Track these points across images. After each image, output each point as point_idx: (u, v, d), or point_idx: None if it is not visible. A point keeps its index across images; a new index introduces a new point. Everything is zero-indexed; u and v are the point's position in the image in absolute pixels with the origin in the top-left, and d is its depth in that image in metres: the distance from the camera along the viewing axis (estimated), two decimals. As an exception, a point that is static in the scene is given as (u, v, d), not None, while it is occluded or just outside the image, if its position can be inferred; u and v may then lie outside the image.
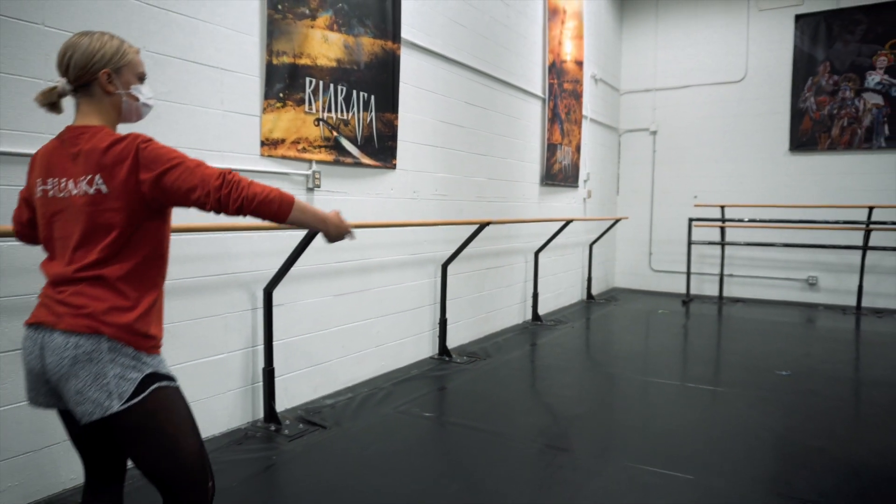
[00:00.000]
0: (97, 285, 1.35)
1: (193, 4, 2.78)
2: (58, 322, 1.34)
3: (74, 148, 1.39)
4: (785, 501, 2.44)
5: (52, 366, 1.34)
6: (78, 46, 1.41)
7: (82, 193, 1.36)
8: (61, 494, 2.39)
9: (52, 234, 1.42)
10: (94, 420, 1.33)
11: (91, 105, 1.44)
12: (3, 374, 2.21)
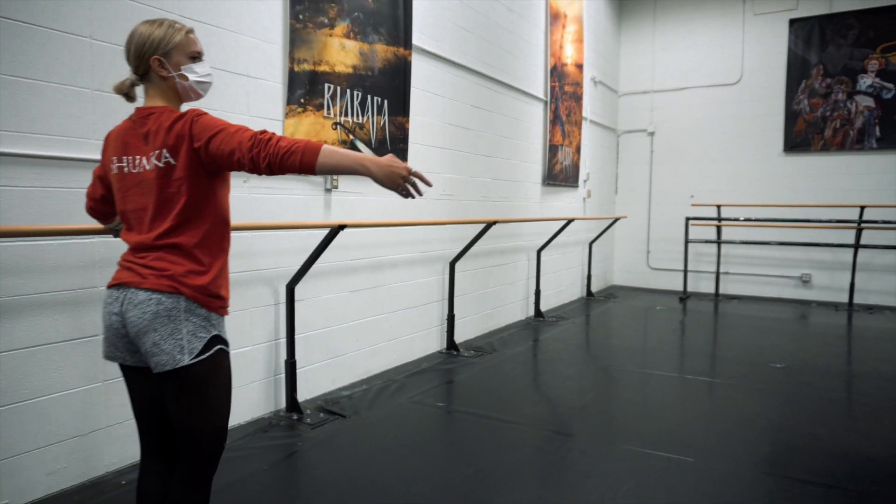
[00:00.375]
0: (175, 252, 1.52)
1: (224, 16, 2.94)
2: (142, 282, 1.50)
3: (143, 128, 1.55)
4: (779, 481, 2.62)
5: (135, 319, 1.50)
6: (132, 39, 1.58)
7: (153, 168, 1.52)
8: (104, 477, 2.55)
9: (127, 206, 1.59)
10: (165, 371, 1.50)
11: (153, 89, 1.60)
12: (51, 363, 2.37)
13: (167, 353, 1.49)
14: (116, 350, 1.60)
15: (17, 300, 2.25)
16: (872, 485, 2.58)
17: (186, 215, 1.53)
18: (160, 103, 1.59)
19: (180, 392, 1.55)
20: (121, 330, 1.56)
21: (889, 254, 7.11)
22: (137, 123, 1.57)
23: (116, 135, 1.62)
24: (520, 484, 2.58)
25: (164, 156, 1.51)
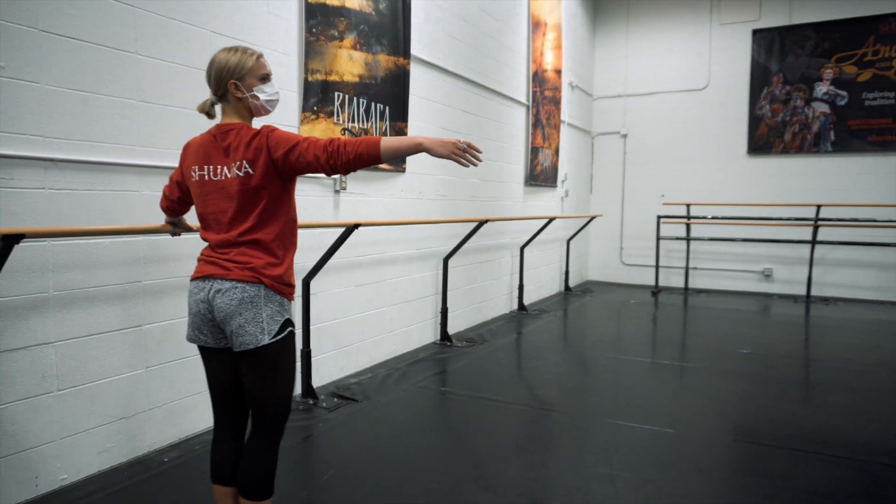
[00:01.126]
0: (255, 247, 1.79)
1: (248, 31, 3.18)
2: (227, 274, 1.76)
3: (224, 143, 1.81)
4: (748, 445, 3.00)
5: (222, 305, 1.76)
6: (212, 65, 1.84)
7: (234, 177, 1.78)
8: (148, 455, 2.78)
9: (207, 209, 1.84)
10: (248, 349, 1.76)
11: (230, 108, 1.86)
12: (102, 351, 2.59)
13: (251, 333, 1.75)
14: (200, 334, 1.86)
15: (75, 293, 2.47)
16: (826, 447, 2.97)
17: (265, 216, 1.80)
18: (236, 120, 1.85)
19: (257, 367, 1.81)
20: (207, 315, 1.82)
21: (843, 249, 7.68)
22: (218, 138, 1.83)
23: (197, 147, 1.87)
24: (523, 453, 2.90)
25: (244, 167, 1.77)
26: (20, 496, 2.33)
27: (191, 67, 2.88)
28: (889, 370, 4.40)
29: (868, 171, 7.59)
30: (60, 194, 2.40)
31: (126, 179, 2.63)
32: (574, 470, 2.72)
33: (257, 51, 1.89)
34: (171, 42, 2.78)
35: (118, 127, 2.59)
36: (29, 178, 2.29)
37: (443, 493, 2.49)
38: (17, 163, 2.25)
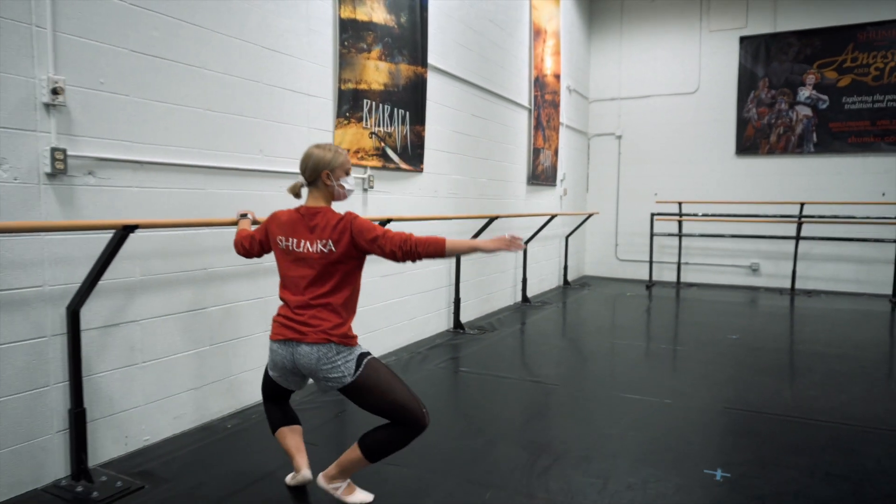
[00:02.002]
0: (326, 310, 2.16)
1: (292, 46, 3.55)
2: (304, 338, 2.14)
3: (312, 222, 2.18)
4: (736, 411, 3.41)
5: (305, 365, 2.15)
6: (310, 158, 2.22)
7: (317, 251, 2.15)
8: (213, 422, 3.14)
9: (288, 273, 2.22)
10: (340, 388, 2.15)
11: (318, 192, 2.23)
12: (174, 330, 2.96)
13: (335, 379, 2.14)
14: (284, 380, 2.29)
15: (155, 278, 2.84)
16: (804, 413, 3.39)
17: (337, 285, 2.18)
18: (321, 203, 2.23)
19: (358, 396, 2.18)
20: (291, 369, 2.22)
21: (825, 244, 8.15)
22: (306, 217, 2.20)
23: (285, 220, 2.24)
24: (541, 419, 3.30)
25: (328, 245, 2.14)
26: (115, 452, 2.70)
27: (245, 79, 3.25)
28: (862, 353, 4.85)
29: (848, 171, 8.07)
30: (146, 192, 2.77)
31: (196, 179, 3.00)
32: (588, 431, 3.12)
33: (344, 150, 2.28)
34: (230, 57, 3.15)
35: (191, 133, 2.96)
36: (122, 178, 2.66)
37: (478, 448, 2.88)
38: (112, 164, 2.61)
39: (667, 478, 2.59)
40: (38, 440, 2.41)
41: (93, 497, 2.34)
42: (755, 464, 2.74)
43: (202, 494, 2.41)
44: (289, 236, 2.21)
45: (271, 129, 3.44)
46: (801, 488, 2.51)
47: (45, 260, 2.39)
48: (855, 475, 2.63)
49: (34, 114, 2.32)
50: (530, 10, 7.02)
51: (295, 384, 2.31)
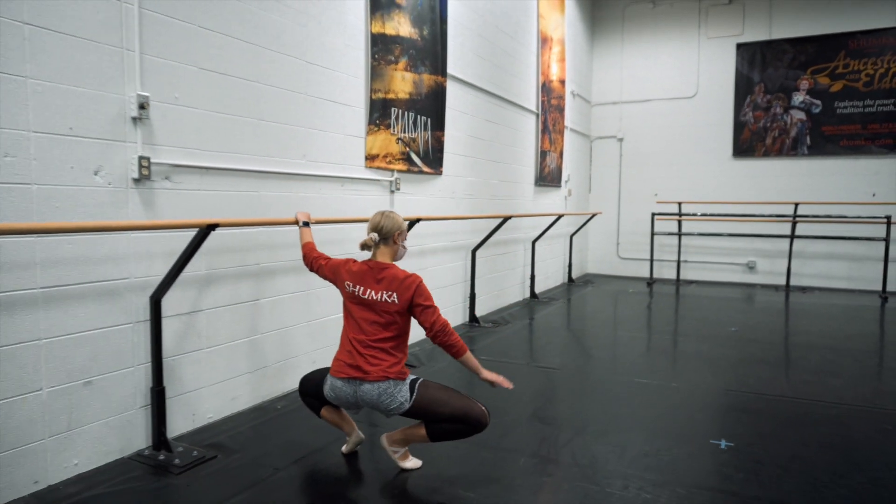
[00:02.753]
0: (384, 352, 2.51)
1: (331, 60, 3.87)
2: (367, 377, 2.48)
3: (380, 275, 2.54)
4: (737, 393, 3.75)
5: (366, 398, 2.50)
6: (389, 219, 2.59)
7: (382, 300, 2.51)
8: (264, 403, 3.46)
9: (354, 314, 2.56)
10: (400, 414, 2.48)
11: (386, 249, 2.60)
12: (233, 320, 3.27)
13: (395, 407, 2.48)
14: (343, 405, 2.62)
15: (217, 272, 3.15)
16: (799, 394, 3.73)
17: (396, 331, 2.54)
18: (388, 259, 2.60)
19: (421, 414, 2.51)
20: (354, 402, 2.56)
21: (818, 243, 8.51)
22: (374, 270, 2.56)
23: (356, 270, 2.61)
24: (560, 401, 3.63)
25: (392, 296, 2.50)
26: (184, 427, 3.01)
27: (291, 91, 3.57)
28: (853, 344, 5.20)
29: (840, 173, 8.44)
30: (210, 194, 3.08)
31: (250, 183, 3.31)
32: (602, 410, 3.45)
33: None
34: (279, 71, 3.47)
35: (247, 141, 3.27)
36: (191, 182, 2.97)
37: (507, 424, 3.21)
38: (184, 170, 2.93)
39: (677, 447, 2.92)
40: (125, 414, 2.73)
41: (175, 464, 2.66)
42: (755, 436, 3.07)
43: (268, 463, 2.73)
44: (357, 284, 2.57)
45: (312, 137, 3.76)
46: (795, 455, 2.84)
47: (130, 255, 2.71)
48: (844, 445, 2.97)
49: (124, 126, 2.64)
50: (538, 20, 7.36)
51: (349, 407, 2.64)
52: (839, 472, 2.67)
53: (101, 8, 2.52)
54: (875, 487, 2.53)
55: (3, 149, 2.23)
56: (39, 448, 2.40)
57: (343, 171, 4.05)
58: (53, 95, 2.37)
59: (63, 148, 2.42)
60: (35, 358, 2.37)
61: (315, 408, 2.77)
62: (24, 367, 2.34)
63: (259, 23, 3.31)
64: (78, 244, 2.50)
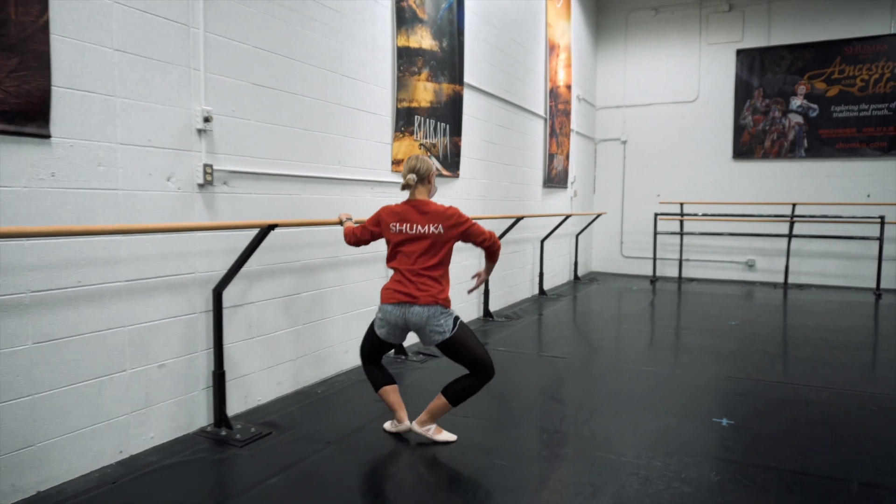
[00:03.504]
0: (431, 279, 2.82)
1: (362, 72, 4.19)
2: (416, 300, 2.79)
3: (424, 210, 2.84)
4: (737, 379, 4.07)
5: (415, 321, 2.80)
6: (421, 163, 2.89)
7: (429, 232, 2.81)
8: (305, 388, 3.79)
9: (402, 248, 2.86)
10: (437, 343, 2.79)
11: (422, 189, 2.91)
12: (278, 311, 3.59)
13: (438, 334, 2.79)
14: (392, 335, 2.92)
15: (266, 268, 3.48)
16: (794, 380, 4.06)
17: (441, 259, 2.85)
18: (425, 196, 2.91)
19: (453, 350, 2.84)
20: (402, 326, 2.86)
21: (815, 242, 8.84)
22: (418, 208, 2.86)
23: (398, 210, 2.89)
24: (573, 385, 3.95)
25: (439, 227, 2.81)
26: (238, 408, 3.34)
27: (328, 102, 3.89)
28: (846, 337, 5.52)
29: (836, 174, 8.76)
30: (260, 197, 3.40)
31: (294, 186, 3.64)
32: (613, 394, 3.78)
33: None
34: (318, 84, 3.79)
35: (291, 148, 3.60)
36: (244, 186, 3.30)
37: (528, 405, 3.54)
38: (238, 176, 3.25)
39: (684, 424, 3.25)
40: (191, 394, 3.05)
41: (236, 438, 2.98)
42: (753, 414, 3.40)
43: (319, 438, 3.05)
44: (403, 222, 2.87)
45: (346, 144, 4.08)
46: (789, 430, 3.17)
47: (196, 252, 3.03)
48: (832, 422, 3.30)
49: (191, 137, 2.96)
50: (546, 28, 7.68)
51: (397, 339, 2.94)
52: (827, 444, 3.00)
53: (173, 33, 2.85)
54: (859, 456, 2.86)
55: (97, 159, 2.55)
56: (123, 422, 2.73)
57: (372, 175, 4.37)
58: (135, 111, 2.70)
59: (143, 157, 2.74)
60: (121, 342, 2.70)
61: (376, 382, 3.06)
62: (113, 351, 2.66)
63: (301, 40, 3.63)
64: (154, 243, 2.82)
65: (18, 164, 2.29)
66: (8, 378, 2.30)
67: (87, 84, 2.49)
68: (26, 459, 2.37)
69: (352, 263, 4.21)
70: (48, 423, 2.44)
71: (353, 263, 4.21)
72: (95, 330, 2.59)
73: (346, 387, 3.85)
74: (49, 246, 2.40)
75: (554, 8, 7.93)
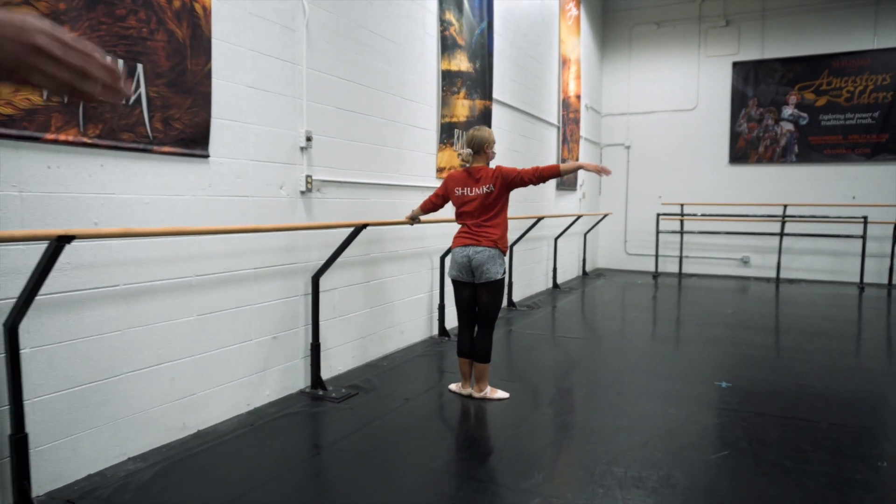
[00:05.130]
0: (490, 227, 3.54)
1: (415, 93, 4.91)
2: (479, 242, 3.51)
3: (477, 175, 3.57)
4: (733, 357, 4.81)
5: (478, 259, 3.51)
6: (479, 134, 3.61)
7: (483, 192, 3.54)
8: (373, 361, 4.50)
9: (464, 209, 3.59)
10: (488, 281, 3.50)
11: (479, 158, 3.63)
12: (352, 297, 4.30)
13: (492, 272, 3.51)
14: (461, 274, 3.62)
15: (345, 260, 4.19)
16: (783, 357, 4.80)
17: (497, 212, 3.57)
18: (481, 163, 3.62)
19: (491, 291, 3.56)
20: (467, 264, 3.56)
21: (805, 240, 9.59)
22: (472, 174, 3.58)
23: (459, 177, 3.63)
24: (595, 360, 4.68)
25: (490, 187, 3.53)
26: (326, 375, 4.04)
27: (390, 120, 4.60)
28: (831, 324, 6.27)
29: (823, 178, 9.52)
30: (340, 201, 4.12)
31: (364, 192, 4.35)
32: (628, 364, 4.50)
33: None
34: (382, 105, 4.51)
35: (363, 160, 4.31)
36: (330, 192, 4.01)
37: (562, 372, 4.26)
38: (327, 184, 3.96)
39: (691, 387, 3.98)
40: (294, 361, 3.77)
41: (332, 397, 3.69)
42: (748, 379, 4.14)
43: (398, 396, 3.77)
44: (463, 187, 3.62)
45: (402, 155, 4.80)
46: (776, 390, 3.91)
47: (298, 246, 3.74)
48: (812, 383, 4.03)
49: (296, 153, 3.68)
50: (559, 44, 8.41)
51: (464, 277, 3.60)
52: (806, 398, 3.74)
53: (285, 70, 3.56)
54: (829, 406, 3.59)
55: (236, 173, 3.26)
56: (249, 381, 3.44)
57: (421, 182, 5.09)
58: (260, 134, 3.41)
59: (264, 170, 3.45)
60: (249, 318, 3.41)
61: (462, 350, 3.74)
62: (244, 324, 3.38)
63: (369, 70, 4.34)
64: (273, 238, 3.53)
65: (188, 177, 3.00)
66: (179, 342, 3.01)
67: (231, 114, 3.21)
68: (190, 404, 3.08)
69: (407, 258, 4.93)
70: (207, 377, 3.15)
71: (408, 258, 4.93)
72: (235, 306, 3.30)
73: (406, 360, 4.57)
74: (200, 241, 3.11)
75: (566, 25, 8.65)
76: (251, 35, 3.30)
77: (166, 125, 2.84)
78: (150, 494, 2.49)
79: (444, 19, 5.26)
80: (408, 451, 2.98)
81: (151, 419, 2.89)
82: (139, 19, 2.68)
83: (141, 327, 2.81)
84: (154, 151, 2.79)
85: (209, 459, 2.82)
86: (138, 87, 2.70)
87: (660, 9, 10.43)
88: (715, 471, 2.76)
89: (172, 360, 2.97)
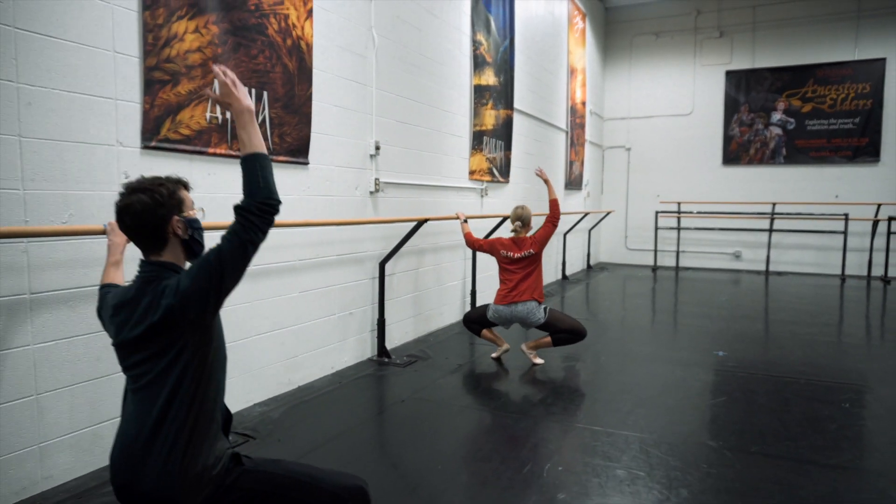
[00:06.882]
0: (529, 283, 4.29)
1: (455, 107, 5.64)
2: (519, 298, 4.26)
3: (521, 244, 4.33)
4: (727, 331, 5.57)
5: (520, 314, 4.26)
6: (525, 213, 4.44)
7: (525, 256, 4.30)
8: (420, 337, 5.23)
9: (509, 266, 4.35)
10: (537, 323, 4.25)
11: (524, 230, 4.39)
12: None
13: (535, 320, 4.26)
14: (500, 322, 4.38)
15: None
16: (772, 338, 5.57)
17: (533, 270, 4.32)
18: (523, 234, 4.38)
19: (548, 327, 4.29)
20: (509, 318, 4.32)
21: (792, 236, 10.40)
22: (518, 242, 4.34)
23: (507, 243, 4.39)
24: (609, 335, 5.44)
25: (529, 251, 4.28)
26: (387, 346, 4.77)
27: (433, 129, 5.33)
28: (815, 308, 7.06)
29: (809, 178, 10.33)
30: (402, 200, 4.84)
31: (413, 192, 5.08)
32: (635, 339, 5.26)
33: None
34: (428, 117, 5.24)
35: (412, 164, 5.04)
36: (390, 192, 4.74)
37: (579, 347, 5.02)
38: (388, 185, 4.69)
39: (692, 355, 4.75)
40: (363, 334, 4.50)
41: (397, 363, 4.43)
42: (741, 350, 4.91)
43: (451, 362, 4.50)
44: (508, 251, 4.36)
45: (442, 160, 5.53)
46: (771, 359, 4.68)
47: (367, 238, 4.47)
48: (794, 352, 4.80)
49: (367, 160, 4.40)
50: (567, 56, 9.16)
51: (504, 326, 4.41)
52: (788, 363, 4.51)
53: (360, 91, 4.28)
54: (809, 367, 4.36)
55: (325, 177, 3.99)
56: (333, 348, 4.17)
57: (456, 183, 5.82)
58: (341, 145, 4.13)
59: (344, 174, 4.18)
60: (333, 296, 4.14)
61: (476, 330, 4.53)
62: (330, 301, 4.11)
63: (419, 87, 5.07)
64: (349, 230, 4.26)
65: (293, 180, 3.72)
66: (287, 313, 3.73)
67: (323, 129, 3.93)
68: (293, 365, 3.81)
69: (445, 249, 5.66)
70: (305, 343, 3.88)
71: (446, 249, 5.66)
72: (324, 286, 4.03)
73: (449, 337, 5.31)
74: (301, 232, 3.83)
75: (573, 37, 9.40)
76: (337, 63, 4.03)
77: (281, 139, 3.56)
78: (284, 428, 3.21)
79: (475, 40, 6.00)
80: (471, 398, 3.72)
81: (267, 374, 3.61)
82: (265, 56, 3.40)
83: (261, 300, 3.54)
84: (274, 161, 3.51)
85: (315, 407, 3.55)
86: (263, 110, 3.42)
87: (658, 21, 11.21)
88: (716, 410, 3.52)
89: (282, 328, 3.70)
